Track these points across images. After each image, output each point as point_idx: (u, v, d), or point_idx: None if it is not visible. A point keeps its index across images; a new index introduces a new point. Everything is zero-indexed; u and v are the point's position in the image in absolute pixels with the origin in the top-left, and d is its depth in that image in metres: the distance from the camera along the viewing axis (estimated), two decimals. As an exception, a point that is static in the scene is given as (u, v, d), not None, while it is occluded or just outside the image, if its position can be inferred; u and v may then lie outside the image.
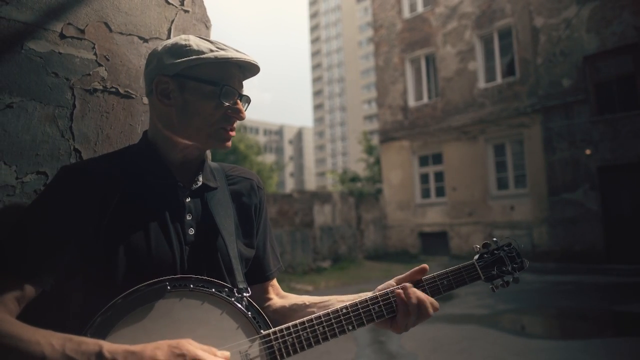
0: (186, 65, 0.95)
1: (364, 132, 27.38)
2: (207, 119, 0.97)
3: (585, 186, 11.55)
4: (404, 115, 15.82)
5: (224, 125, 0.98)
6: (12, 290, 0.81)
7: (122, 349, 0.76)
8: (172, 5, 1.35)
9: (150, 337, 0.81)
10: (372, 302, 1.02)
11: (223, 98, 0.96)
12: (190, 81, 0.95)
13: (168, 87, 0.96)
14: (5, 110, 1.02)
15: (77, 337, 0.77)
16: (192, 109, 0.96)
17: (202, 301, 0.88)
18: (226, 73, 0.97)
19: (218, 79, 0.96)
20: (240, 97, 1.00)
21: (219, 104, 0.96)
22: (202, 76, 0.95)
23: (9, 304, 0.80)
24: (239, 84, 1.00)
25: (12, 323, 0.77)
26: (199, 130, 0.97)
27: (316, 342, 0.94)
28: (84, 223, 0.88)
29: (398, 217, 15.81)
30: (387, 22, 16.47)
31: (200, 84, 0.95)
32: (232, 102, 0.98)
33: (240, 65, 1.00)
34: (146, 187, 0.97)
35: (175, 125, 0.97)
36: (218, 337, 0.87)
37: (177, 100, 0.96)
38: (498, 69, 13.85)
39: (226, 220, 1.04)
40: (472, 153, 14.06)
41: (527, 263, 1.20)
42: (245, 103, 1.04)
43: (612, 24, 11.22)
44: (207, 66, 0.95)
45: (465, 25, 14.27)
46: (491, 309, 7.19)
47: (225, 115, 0.98)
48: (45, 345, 0.74)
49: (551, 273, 10.48)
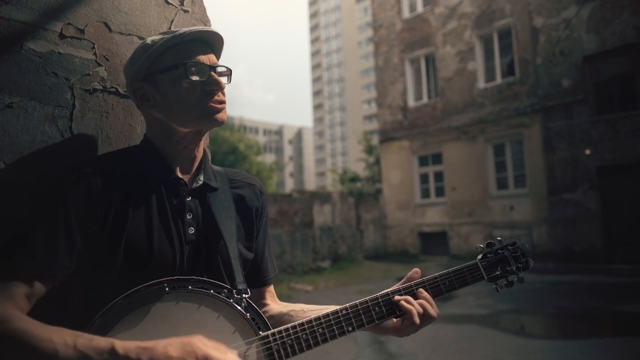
0: (148, 63, 0.98)
1: (364, 132, 27.37)
2: (186, 101, 0.97)
3: (584, 186, 11.56)
4: (404, 115, 15.82)
5: (206, 101, 0.98)
6: (22, 288, 0.82)
7: (134, 345, 0.77)
8: (171, 5, 1.35)
9: (149, 338, 0.81)
10: (372, 303, 1.01)
11: (191, 75, 0.96)
12: (158, 75, 0.98)
13: (144, 90, 1.00)
14: (4, 110, 1.02)
15: (87, 334, 0.78)
16: (172, 99, 0.98)
17: (201, 303, 0.88)
18: (186, 52, 0.98)
19: (179, 61, 0.97)
20: (213, 69, 0.99)
21: (191, 82, 0.97)
22: (165, 66, 0.98)
23: (20, 302, 0.81)
24: (206, 58, 1.00)
25: (24, 320, 0.78)
26: (187, 116, 0.98)
27: (315, 343, 0.93)
28: (89, 220, 0.89)
29: (398, 217, 15.81)
30: (386, 22, 16.47)
31: (166, 73, 0.97)
32: (204, 77, 0.98)
33: (201, 40, 1.01)
34: (148, 185, 0.98)
35: (166, 121, 1.00)
36: (216, 339, 0.87)
37: (156, 98, 0.99)
38: (498, 69, 13.85)
39: (227, 222, 1.04)
40: (472, 153, 14.06)
41: (532, 263, 1.18)
42: (224, 76, 1.04)
43: (611, 24, 11.23)
44: (166, 55, 0.98)
45: (464, 25, 14.27)
46: (490, 309, 7.20)
47: (203, 91, 0.97)
48: (57, 341, 0.75)
49: (550, 273, 10.48)
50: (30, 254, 0.83)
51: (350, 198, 15.09)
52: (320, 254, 13.13)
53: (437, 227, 14.79)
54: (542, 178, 12.37)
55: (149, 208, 0.95)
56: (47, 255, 0.84)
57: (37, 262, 0.83)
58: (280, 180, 59.07)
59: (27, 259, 0.83)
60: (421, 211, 15.33)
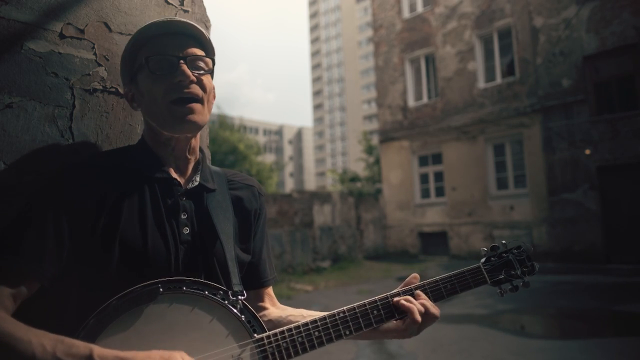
0: (128, 67, 1.01)
1: (364, 132, 27.36)
2: (155, 99, 0.95)
3: (584, 186, 11.56)
4: (404, 115, 15.82)
5: (173, 97, 0.94)
6: (7, 287, 0.81)
7: (112, 354, 0.76)
8: (171, 5, 1.34)
9: (142, 339, 0.81)
10: (370, 307, 1.00)
11: (155, 69, 0.94)
12: (137, 76, 0.99)
13: (132, 93, 1.01)
14: (4, 110, 1.02)
15: (69, 339, 0.77)
16: (146, 98, 0.98)
17: (195, 304, 0.87)
18: (151, 48, 0.96)
19: (146, 56, 0.96)
20: (184, 60, 0.95)
21: (156, 77, 0.95)
22: (138, 65, 0.99)
23: (5, 301, 0.80)
24: (176, 49, 0.95)
25: (5, 320, 0.77)
26: (158, 114, 0.96)
27: (311, 346, 0.92)
28: (82, 220, 0.88)
29: (398, 217, 15.81)
30: (386, 22, 16.47)
31: (141, 73, 0.98)
32: (171, 69, 0.94)
33: (172, 32, 0.98)
34: (142, 185, 0.97)
35: (147, 122, 1.02)
36: (211, 341, 0.86)
37: (139, 98, 1.00)
38: (498, 69, 13.85)
39: (225, 223, 1.03)
40: (472, 153, 14.06)
41: (537, 267, 1.15)
42: (205, 66, 0.99)
43: (611, 24, 11.23)
44: (139, 54, 0.98)
45: (464, 25, 14.27)
46: (491, 309, 7.20)
47: (171, 84, 0.94)
48: (36, 345, 0.74)
49: (550, 273, 10.48)
50: (17, 252, 0.82)
51: (350, 198, 15.09)
52: (320, 254, 13.13)
53: (437, 227, 14.79)
54: (542, 178, 12.37)
55: (143, 207, 0.94)
56: (35, 254, 0.83)
57: (24, 261, 0.82)
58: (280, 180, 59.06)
59: (14, 258, 0.82)
60: (421, 211, 15.33)
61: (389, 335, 1.04)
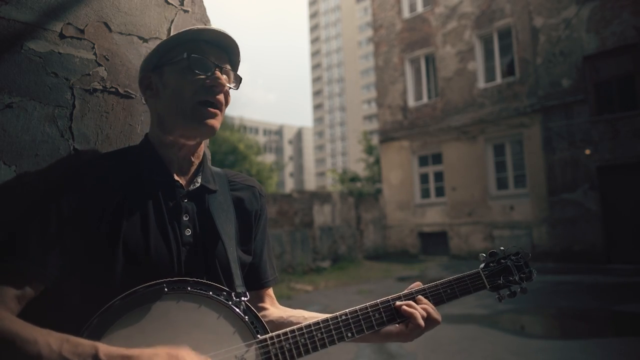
0: (159, 55, 0.99)
1: (364, 132, 27.37)
2: (183, 93, 0.96)
3: (584, 186, 11.56)
4: (404, 115, 15.82)
5: (201, 98, 0.96)
6: (12, 289, 0.81)
7: (118, 352, 0.76)
8: (171, 5, 1.34)
9: (146, 338, 0.81)
10: (372, 309, 1.01)
11: (195, 67, 0.96)
12: (165, 66, 0.99)
13: (150, 81, 1.01)
14: (4, 110, 1.02)
15: (75, 338, 0.77)
16: (171, 88, 0.98)
17: (199, 304, 0.87)
18: (197, 49, 0.98)
19: (188, 53, 0.97)
20: (220, 68, 0.99)
21: (193, 75, 0.96)
22: (174, 58, 0.98)
23: (10, 303, 0.80)
24: (215, 58, 0.99)
25: (11, 320, 0.77)
26: (180, 109, 0.96)
27: (314, 348, 0.93)
28: (85, 222, 0.88)
29: (398, 217, 15.81)
30: (386, 22, 16.47)
31: (173, 65, 0.98)
32: (207, 72, 0.97)
33: (217, 44, 1.00)
34: (144, 187, 0.97)
35: (162, 116, 1.00)
36: (214, 341, 0.86)
37: (158, 87, 0.99)
38: (498, 69, 13.85)
39: (226, 224, 1.03)
40: (472, 153, 14.06)
41: (535, 273, 1.18)
42: (234, 82, 1.03)
43: (611, 24, 11.23)
44: (178, 49, 0.98)
45: (464, 25, 14.27)
46: (490, 309, 7.19)
47: (203, 85, 0.96)
48: (42, 344, 0.74)
49: (551, 273, 10.48)
50: (21, 254, 0.83)
51: (350, 198, 15.09)
52: (320, 254, 13.13)
53: (437, 227, 14.78)
54: (542, 178, 12.37)
55: (145, 209, 0.95)
56: (39, 256, 0.83)
57: (28, 263, 0.82)
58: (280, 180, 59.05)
59: (18, 259, 0.82)
60: (421, 211, 15.33)
61: (391, 338, 1.04)
